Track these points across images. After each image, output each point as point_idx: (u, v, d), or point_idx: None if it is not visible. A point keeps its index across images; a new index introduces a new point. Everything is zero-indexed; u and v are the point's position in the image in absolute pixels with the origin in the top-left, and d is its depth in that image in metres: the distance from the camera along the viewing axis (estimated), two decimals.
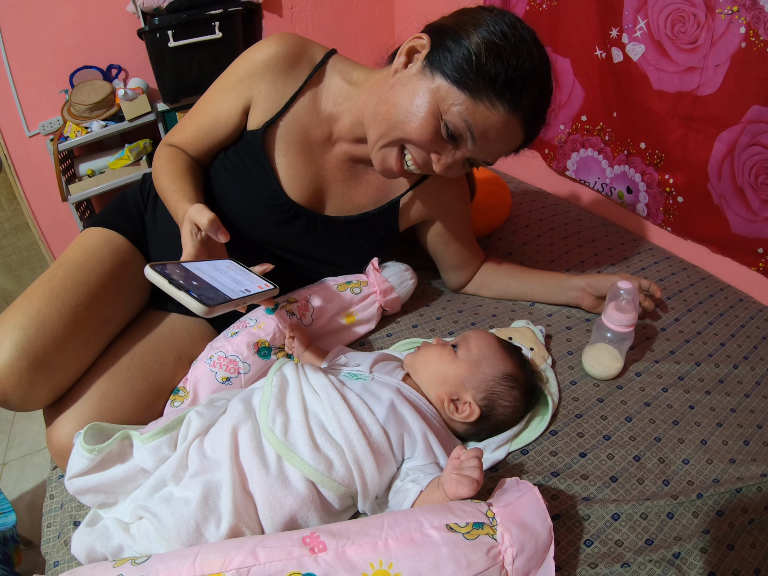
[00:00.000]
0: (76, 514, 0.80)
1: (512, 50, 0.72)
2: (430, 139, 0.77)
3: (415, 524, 0.59)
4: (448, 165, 0.80)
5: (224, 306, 0.63)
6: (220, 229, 0.75)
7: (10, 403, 0.77)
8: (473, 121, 0.74)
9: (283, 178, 0.92)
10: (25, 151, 1.84)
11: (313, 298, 0.95)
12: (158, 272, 0.62)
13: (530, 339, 0.97)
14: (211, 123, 0.92)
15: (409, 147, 0.80)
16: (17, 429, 1.78)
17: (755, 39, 1.02)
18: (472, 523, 0.59)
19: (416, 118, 0.76)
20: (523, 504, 0.62)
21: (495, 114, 0.74)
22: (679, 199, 1.29)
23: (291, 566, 0.55)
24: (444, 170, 0.81)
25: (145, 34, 1.68)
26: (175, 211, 0.83)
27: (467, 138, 0.76)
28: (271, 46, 0.86)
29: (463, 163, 0.82)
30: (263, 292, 0.72)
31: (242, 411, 0.71)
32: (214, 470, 0.66)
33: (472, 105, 0.73)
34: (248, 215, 0.92)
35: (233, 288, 0.68)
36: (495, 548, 0.57)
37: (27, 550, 1.33)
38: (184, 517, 0.62)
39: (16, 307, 0.81)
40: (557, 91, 1.50)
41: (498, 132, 0.75)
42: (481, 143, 0.76)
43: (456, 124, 0.75)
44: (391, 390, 0.75)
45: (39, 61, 1.74)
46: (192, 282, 0.64)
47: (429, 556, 0.56)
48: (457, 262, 1.12)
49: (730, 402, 0.93)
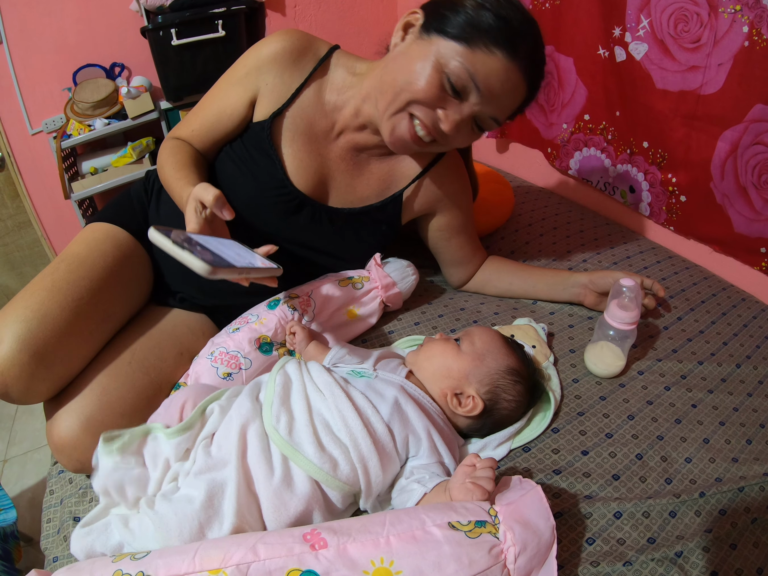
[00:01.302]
0: (75, 510, 0.80)
1: (505, 7, 0.76)
2: (436, 94, 0.77)
3: (417, 522, 0.58)
4: (456, 122, 0.80)
5: (227, 271, 0.62)
6: (225, 206, 0.75)
7: (11, 395, 0.77)
8: (474, 69, 0.75)
9: (289, 167, 0.93)
10: (28, 148, 1.85)
11: (314, 294, 0.95)
12: (162, 233, 0.62)
13: (532, 337, 0.97)
14: (217, 115, 0.93)
15: (416, 111, 0.80)
16: (18, 426, 1.78)
17: (758, 38, 1.02)
18: (474, 521, 0.59)
19: (420, 76, 0.77)
20: (526, 503, 0.61)
21: (494, 59, 0.75)
22: (681, 198, 1.29)
23: (291, 563, 0.55)
24: (453, 128, 0.80)
25: (149, 32, 1.69)
26: (180, 196, 0.83)
27: (471, 89, 0.77)
28: (278, 41, 0.88)
29: (471, 125, 0.82)
30: (266, 269, 0.73)
31: (250, 409, 0.71)
32: (219, 468, 0.65)
33: (471, 53, 0.75)
34: (254, 205, 0.92)
35: (236, 259, 0.68)
36: (497, 547, 0.57)
37: (27, 547, 1.33)
38: (187, 517, 0.62)
39: (18, 300, 0.81)
40: (560, 90, 1.50)
41: (500, 79, 0.76)
42: (485, 93, 0.77)
43: (458, 74, 0.76)
44: (395, 388, 0.75)
45: (42, 59, 1.75)
46: (196, 246, 0.64)
47: (431, 554, 0.55)
48: (458, 258, 1.12)
49: (733, 401, 0.93)
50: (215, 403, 0.74)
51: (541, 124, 1.63)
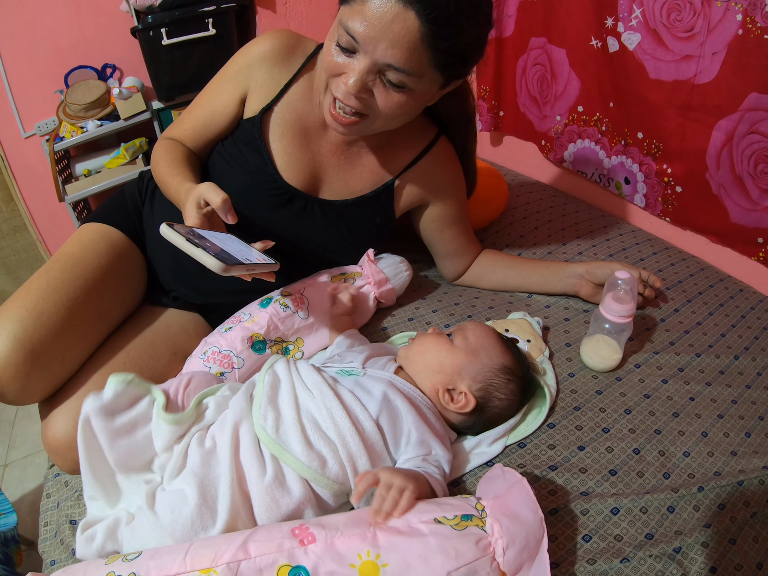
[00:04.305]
0: (72, 513, 0.80)
1: None
2: (334, 63, 0.76)
3: (402, 521, 0.59)
4: (354, 81, 0.74)
5: (238, 268, 0.64)
6: (230, 211, 0.75)
7: (7, 395, 0.78)
8: (349, 22, 0.71)
9: (279, 162, 0.93)
10: (21, 152, 1.84)
11: (306, 291, 0.95)
12: (176, 230, 0.63)
13: (527, 331, 0.96)
14: (209, 114, 0.94)
15: (332, 86, 0.79)
16: (18, 430, 1.78)
17: (752, 26, 1.01)
18: (460, 515, 0.59)
19: (326, 51, 0.77)
20: (513, 496, 0.61)
21: (362, 4, 0.70)
22: (677, 189, 1.28)
23: (281, 559, 0.55)
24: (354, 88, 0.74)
25: (139, 32, 1.68)
26: (176, 191, 0.84)
27: (355, 44, 0.72)
28: (268, 40, 0.90)
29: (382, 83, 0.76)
30: (267, 264, 0.74)
31: (244, 407, 0.71)
32: (213, 466, 0.65)
33: (349, 8, 0.72)
34: (244, 200, 0.92)
35: (241, 256, 0.69)
36: (484, 539, 0.57)
37: (28, 551, 1.33)
38: (181, 514, 0.62)
39: (13, 300, 0.82)
40: (553, 82, 1.49)
41: (372, 18, 0.69)
42: (363, 41, 0.71)
43: (339, 33, 0.74)
44: (384, 384, 0.74)
45: (33, 61, 1.74)
46: (206, 243, 0.65)
47: (417, 548, 0.56)
48: (452, 250, 1.11)
49: (731, 393, 0.92)
50: (211, 398, 0.74)
51: (535, 116, 1.62)
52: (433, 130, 1.00)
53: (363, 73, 0.74)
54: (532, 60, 1.55)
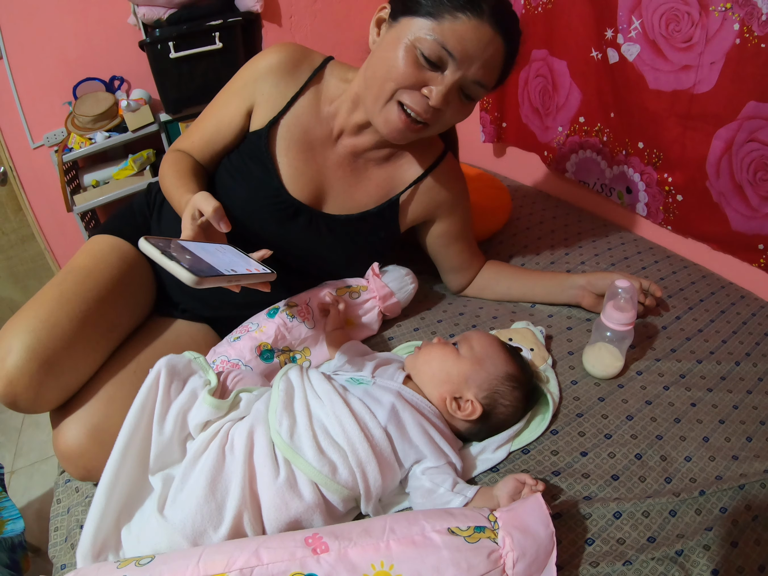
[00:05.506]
0: (82, 519, 0.81)
1: None
2: (414, 74, 0.78)
3: (417, 528, 0.59)
4: (443, 94, 0.79)
5: (215, 279, 0.62)
6: (223, 219, 0.76)
7: (20, 404, 0.79)
8: (443, 38, 0.76)
9: (284, 176, 0.94)
10: (30, 162, 1.87)
11: (312, 302, 0.96)
12: (152, 244, 0.63)
13: (530, 340, 0.97)
14: (216, 126, 0.95)
15: (403, 97, 0.81)
16: (25, 438, 1.79)
17: (749, 35, 1.02)
18: (473, 526, 0.60)
19: (397, 61, 0.79)
20: (526, 509, 0.62)
21: (460, 23, 0.75)
22: (678, 197, 1.29)
23: (294, 567, 0.55)
24: (441, 101, 0.79)
25: (147, 45, 1.70)
26: (179, 202, 0.84)
27: (447, 58, 0.77)
28: (274, 54, 0.91)
29: (459, 95, 0.82)
30: (258, 274, 0.73)
31: (262, 412, 0.73)
32: (228, 464, 0.67)
33: (438, 25, 0.76)
34: (249, 213, 0.93)
35: (227, 267, 0.68)
36: (496, 552, 0.58)
37: (35, 557, 1.34)
38: (191, 511, 0.63)
39: (27, 311, 0.83)
40: (554, 94, 1.51)
41: (470, 39, 0.76)
42: (460, 58, 0.77)
43: (429, 47, 0.76)
44: (392, 394, 0.75)
45: (42, 73, 1.77)
46: (185, 256, 0.64)
47: (430, 559, 0.56)
48: (457, 264, 1.12)
49: (733, 399, 0.93)
50: (245, 394, 0.76)
51: (537, 127, 1.64)
52: (440, 147, 1.01)
53: (452, 87, 0.79)
54: (534, 72, 1.57)
